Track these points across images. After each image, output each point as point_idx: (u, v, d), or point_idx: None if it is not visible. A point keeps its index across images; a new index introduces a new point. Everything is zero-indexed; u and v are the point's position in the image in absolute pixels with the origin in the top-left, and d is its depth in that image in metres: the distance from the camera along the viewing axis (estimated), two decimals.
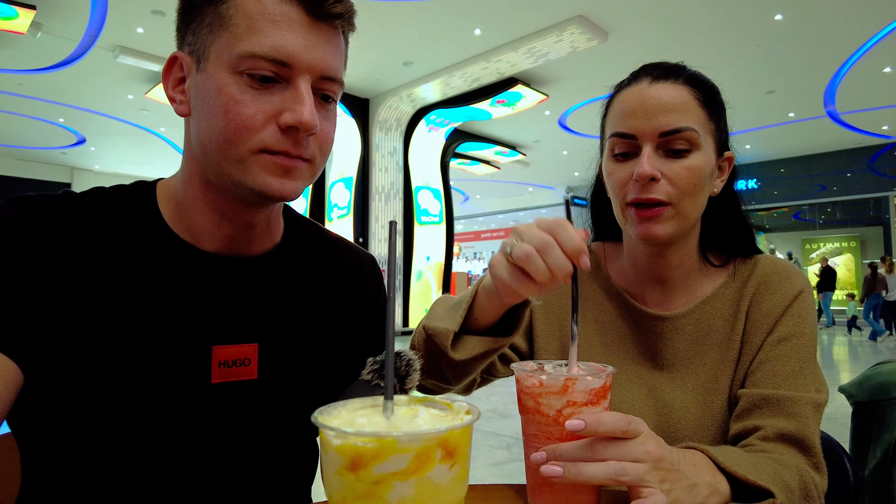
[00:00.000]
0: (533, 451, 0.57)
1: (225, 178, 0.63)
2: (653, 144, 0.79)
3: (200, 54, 0.62)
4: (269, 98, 0.61)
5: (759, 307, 0.83)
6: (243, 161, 0.61)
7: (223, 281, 0.69)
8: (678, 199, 0.79)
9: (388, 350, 0.42)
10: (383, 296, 0.89)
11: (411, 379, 0.73)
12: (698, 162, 0.79)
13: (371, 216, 10.47)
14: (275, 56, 0.59)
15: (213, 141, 0.61)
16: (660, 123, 0.78)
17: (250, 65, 0.59)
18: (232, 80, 0.60)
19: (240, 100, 0.60)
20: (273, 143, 0.61)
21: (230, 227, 0.69)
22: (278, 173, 0.63)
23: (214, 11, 0.61)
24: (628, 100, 0.82)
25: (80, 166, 15.41)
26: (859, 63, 8.54)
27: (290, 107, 0.61)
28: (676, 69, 0.84)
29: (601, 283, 0.95)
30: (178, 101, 0.66)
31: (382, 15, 7.17)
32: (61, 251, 0.60)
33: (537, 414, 0.58)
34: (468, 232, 24.93)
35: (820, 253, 15.88)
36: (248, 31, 0.59)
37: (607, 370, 0.59)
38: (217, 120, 0.60)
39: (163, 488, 0.63)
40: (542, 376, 0.58)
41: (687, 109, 0.79)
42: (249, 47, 0.59)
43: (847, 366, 7.40)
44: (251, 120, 0.60)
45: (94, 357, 0.59)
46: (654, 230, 0.79)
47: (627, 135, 0.81)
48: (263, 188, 0.62)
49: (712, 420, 0.81)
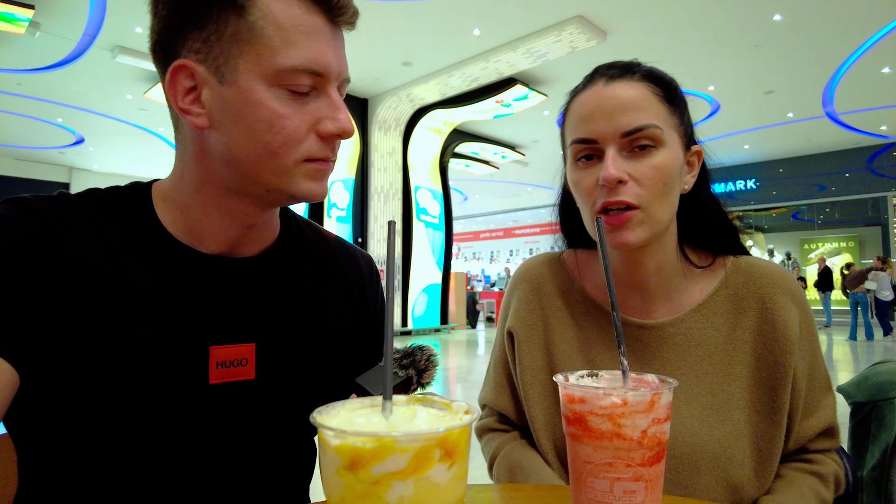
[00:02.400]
0: (605, 482, 0.49)
1: (260, 187, 0.64)
2: (616, 146, 0.76)
3: (222, 65, 0.60)
4: (307, 108, 0.62)
5: (773, 327, 0.80)
6: (288, 171, 0.63)
7: (220, 281, 0.69)
8: (647, 202, 0.75)
9: (387, 350, 0.42)
10: (381, 295, 0.89)
11: (430, 373, 0.73)
12: (664, 159, 0.76)
13: (370, 216, 10.48)
14: (314, 68, 0.61)
15: (254, 154, 0.61)
16: (620, 123, 0.75)
17: (291, 78, 0.60)
18: (271, 93, 0.60)
19: (283, 113, 0.61)
20: (315, 151, 0.64)
21: (235, 229, 0.69)
22: (319, 178, 0.66)
23: (240, 22, 0.59)
24: (585, 103, 0.80)
25: (79, 166, 15.39)
26: (858, 63, 8.56)
27: (329, 115, 0.63)
28: (631, 66, 0.81)
29: (577, 298, 0.92)
30: (195, 114, 0.62)
31: (382, 15, 7.17)
32: (56, 253, 0.60)
33: (616, 438, 0.48)
34: (467, 232, 24.96)
35: (819, 253, 15.90)
36: (284, 43, 0.59)
37: (668, 380, 0.52)
38: (260, 134, 0.61)
39: (160, 489, 0.63)
40: (628, 393, 0.48)
41: (647, 106, 0.77)
42: (290, 61, 0.59)
43: (845, 366, 7.42)
44: (296, 132, 0.62)
45: (90, 358, 0.59)
46: (625, 237, 0.76)
47: (588, 140, 0.78)
48: (307, 193, 0.65)
49: (719, 438, 0.77)
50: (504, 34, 7.87)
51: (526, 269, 0.98)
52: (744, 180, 15.30)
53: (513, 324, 0.92)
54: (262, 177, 0.63)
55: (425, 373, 0.72)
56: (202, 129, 0.63)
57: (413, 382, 0.71)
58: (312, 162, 0.64)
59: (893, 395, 0.99)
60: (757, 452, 0.78)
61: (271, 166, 0.62)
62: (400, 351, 0.74)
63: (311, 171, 0.64)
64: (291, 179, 0.64)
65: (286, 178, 0.63)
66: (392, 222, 0.46)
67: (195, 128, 0.63)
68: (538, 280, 0.95)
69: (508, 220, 22.55)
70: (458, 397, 0.74)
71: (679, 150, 0.79)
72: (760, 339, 0.81)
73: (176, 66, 0.62)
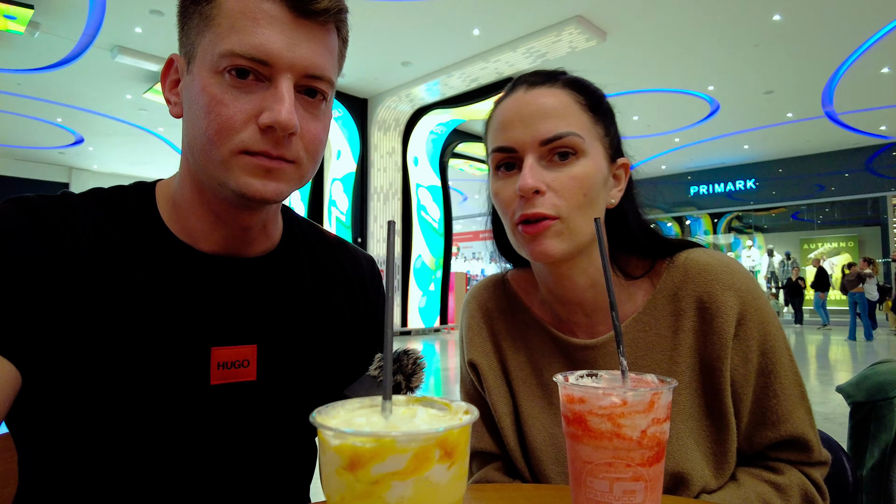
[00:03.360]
0: (605, 482, 0.49)
1: (212, 180, 0.63)
2: (535, 155, 0.73)
3: (190, 56, 0.63)
4: (249, 97, 0.60)
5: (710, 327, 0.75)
6: (225, 162, 0.61)
7: (222, 282, 0.69)
8: (567, 212, 0.72)
9: (387, 350, 0.42)
10: (382, 296, 0.88)
11: (418, 377, 0.73)
12: (585, 169, 0.73)
13: (369, 216, 10.47)
14: (254, 54, 0.58)
15: (199, 142, 0.62)
16: (539, 131, 0.72)
17: (230, 63, 0.59)
18: (214, 80, 0.60)
19: (220, 99, 0.59)
20: (252, 143, 0.60)
21: (225, 230, 0.69)
22: (259, 174, 0.61)
23: (200, 12, 0.61)
24: (505, 111, 0.77)
25: (78, 166, 15.38)
26: (857, 63, 8.56)
27: (269, 106, 0.59)
28: (554, 74, 0.79)
29: (525, 319, 0.89)
30: (173, 103, 0.66)
31: (381, 15, 7.17)
32: (60, 252, 0.60)
33: (616, 438, 0.48)
34: (467, 232, 24.93)
35: (817, 253, 15.91)
36: (230, 30, 0.59)
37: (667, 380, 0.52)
38: (201, 121, 0.60)
39: (161, 489, 0.63)
40: (628, 393, 0.48)
41: (567, 114, 0.74)
42: (229, 46, 0.58)
43: (844, 366, 7.42)
44: (231, 120, 0.59)
45: (92, 358, 0.59)
46: (545, 247, 0.72)
47: (507, 148, 0.74)
48: (245, 189, 0.61)
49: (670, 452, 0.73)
50: (504, 34, 7.87)
51: (472, 297, 0.95)
52: (743, 180, 15.31)
53: (472, 355, 0.89)
54: (207, 167, 0.62)
55: (413, 377, 0.72)
56: (178, 119, 0.66)
57: (402, 388, 0.71)
58: (251, 156, 0.60)
59: (893, 395, 0.99)
60: (712, 457, 0.75)
61: (211, 156, 0.61)
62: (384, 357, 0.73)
63: (249, 165, 0.61)
64: (230, 172, 0.61)
65: (224, 169, 0.61)
66: (392, 222, 0.47)
67: (174, 117, 0.66)
68: (486, 306, 0.92)
69: None
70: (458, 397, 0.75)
71: (602, 161, 0.76)
72: (701, 341, 0.77)
73: (168, 60, 0.66)
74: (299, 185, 0.66)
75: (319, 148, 0.67)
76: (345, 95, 10.17)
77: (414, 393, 0.72)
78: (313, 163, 0.67)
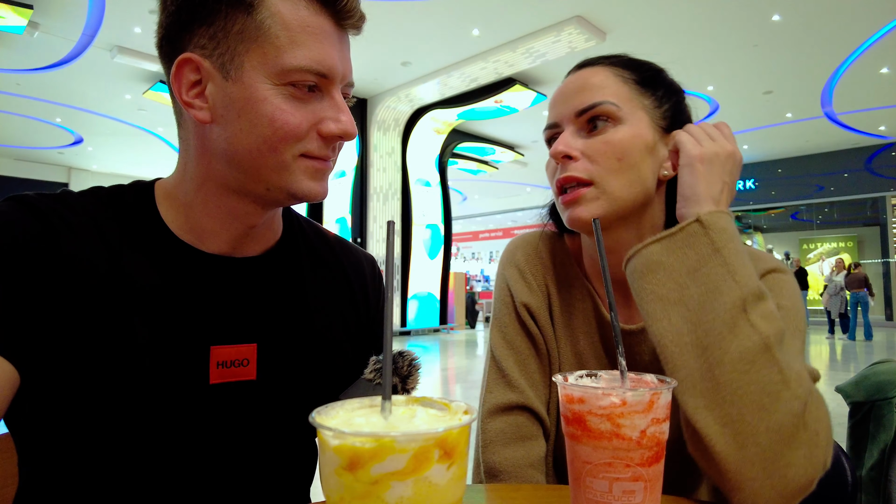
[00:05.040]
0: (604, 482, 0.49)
1: (260, 185, 0.64)
2: (573, 126, 0.77)
3: (228, 62, 0.61)
4: (309, 107, 0.63)
5: None
6: (286, 167, 0.63)
7: (221, 281, 0.69)
8: (600, 177, 0.74)
9: (386, 350, 0.42)
10: (383, 296, 0.88)
11: (413, 379, 0.72)
12: (620, 135, 0.75)
13: (369, 216, 10.47)
14: (320, 70, 0.62)
15: (255, 149, 0.62)
16: (574, 104, 0.77)
17: (296, 77, 0.61)
18: (275, 91, 0.61)
19: (286, 109, 0.62)
20: (315, 149, 0.64)
21: (236, 228, 0.69)
22: (318, 177, 0.66)
23: (247, 20, 0.60)
24: (553, 93, 0.83)
25: (78, 166, 15.37)
26: (856, 63, 8.57)
27: (331, 116, 0.64)
28: (605, 57, 0.83)
29: (574, 282, 0.87)
30: (198, 108, 0.63)
31: (380, 15, 7.17)
32: (57, 251, 0.60)
33: (616, 438, 0.48)
34: (466, 232, 24.95)
35: (817, 253, 15.93)
36: (291, 43, 0.60)
37: (667, 380, 0.52)
38: (261, 129, 0.61)
39: (161, 489, 0.63)
40: (627, 393, 0.48)
41: (604, 86, 0.77)
42: (296, 61, 0.60)
43: (843, 366, 7.42)
44: (297, 128, 0.62)
45: (91, 357, 0.59)
46: (578, 212, 0.75)
47: (552, 124, 0.81)
48: (305, 191, 0.65)
49: None
50: (503, 34, 7.87)
51: (525, 242, 0.92)
52: (743, 180, 15.31)
53: (525, 298, 0.86)
54: (261, 173, 0.63)
55: (409, 378, 0.72)
56: (204, 124, 0.64)
57: (398, 390, 0.71)
58: (312, 159, 0.65)
59: (892, 395, 0.99)
60: None
61: (270, 162, 0.63)
62: (380, 360, 0.74)
63: (310, 168, 0.65)
64: (291, 176, 0.64)
65: (285, 174, 0.64)
66: (391, 222, 0.46)
67: (198, 122, 0.64)
68: (539, 253, 0.90)
69: (507, 220, 22.55)
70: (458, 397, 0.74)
71: (645, 130, 0.76)
72: None
73: (182, 60, 0.62)
74: None
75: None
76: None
77: (410, 394, 0.72)
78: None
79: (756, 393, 0.58)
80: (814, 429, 0.59)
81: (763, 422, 0.57)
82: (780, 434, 0.57)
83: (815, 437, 0.59)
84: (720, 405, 0.59)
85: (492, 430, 0.80)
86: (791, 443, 0.57)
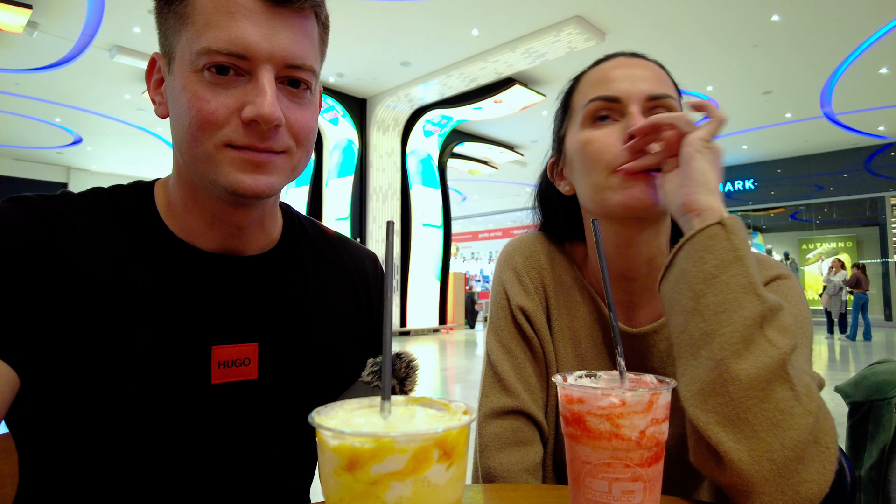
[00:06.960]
0: (603, 483, 0.49)
1: (202, 178, 0.63)
2: (640, 108, 0.76)
3: (170, 56, 0.63)
4: (231, 92, 0.60)
5: None
6: (211, 158, 0.61)
7: (222, 281, 0.69)
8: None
9: (386, 350, 0.42)
10: (383, 296, 0.88)
11: (411, 380, 0.72)
12: None
13: (368, 216, 10.47)
14: (231, 49, 0.58)
15: (183, 139, 0.62)
16: (645, 88, 0.77)
17: (208, 61, 0.58)
18: (195, 77, 0.60)
19: (202, 96, 0.59)
20: (236, 137, 0.60)
21: (222, 228, 0.68)
22: (248, 169, 0.61)
23: (175, 11, 0.61)
24: (610, 69, 0.81)
25: (77, 166, 15.36)
26: (856, 64, 8.57)
27: (250, 100, 0.59)
28: (642, 54, 0.85)
29: (574, 284, 0.87)
30: (158, 103, 0.67)
31: (380, 15, 7.17)
32: (58, 252, 0.60)
33: (615, 438, 0.48)
34: (466, 232, 24.94)
35: (817, 253, 15.94)
36: (205, 26, 0.59)
37: (666, 380, 0.52)
38: (183, 118, 0.61)
39: (162, 489, 0.63)
40: (626, 394, 0.48)
41: (664, 80, 0.81)
42: (206, 43, 0.58)
43: (843, 366, 7.42)
44: (213, 115, 0.59)
45: (92, 358, 0.59)
46: (642, 192, 0.73)
47: (612, 97, 0.77)
48: (236, 185, 0.61)
49: None
50: (503, 34, 7.87)
51: (523, 244, 0.91)
52: (742, 180, 15.32)
53: (520, 301, 0.86)
54: (194, 165, 0.62)
55: (407, 380, 0.71)
56: (165, 119, 0.66)
57: (395, 391, 0.71)
58: (237, 149, 0.60)
59: (891, 395, 0.99)
60: None
61: (196, 152, 0.61)
62: (378, 363, 0.73)
63: (236, 159, 0.60)
64: (217, 168, 0.61)
65: (211, 165, 0.61)
66: (390, 222, 0.46)
67: (160, 117, 0.67)
68: (537, 256, 0.89)
69: (507, 220, 22.54)
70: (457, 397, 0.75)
71: None
72: None
73: (150, 60, 0.67)
74: (292, 176, 0.66)
75: (309, 136, 0.66)
76: (344, 95, 10.17)
77: (409, 396, 0.72)
78: (304, 151, 0.67)
79: (770, 410, 0.57)
80: (824, 443, 0.58)
81: (777, 439, 0.56)
82: (794, 451, 0.56)
83: (826, 451, 0.58)
84: (734, 422, 0.57)
85: (488, 435, 0.80)
86: (804, 460, 0.56)
